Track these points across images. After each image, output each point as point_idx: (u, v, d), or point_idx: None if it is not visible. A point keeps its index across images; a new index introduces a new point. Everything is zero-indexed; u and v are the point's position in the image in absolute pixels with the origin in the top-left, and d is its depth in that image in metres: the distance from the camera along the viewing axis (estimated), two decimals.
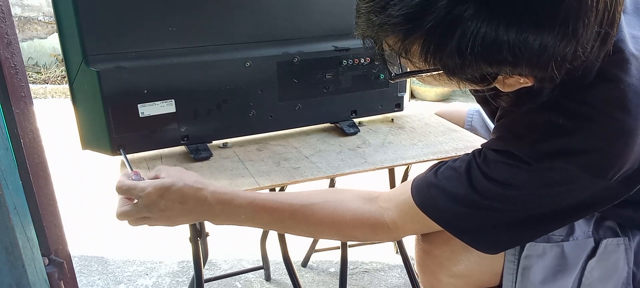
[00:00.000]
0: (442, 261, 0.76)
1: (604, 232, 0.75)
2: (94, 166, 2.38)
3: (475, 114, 1.14)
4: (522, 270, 0.74)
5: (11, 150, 0.66)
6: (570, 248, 0.74)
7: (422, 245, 0.80)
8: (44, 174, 0.72)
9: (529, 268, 0.73)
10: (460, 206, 0.68)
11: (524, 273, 0.74)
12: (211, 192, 0.73)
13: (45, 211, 0.73)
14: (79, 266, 1.60)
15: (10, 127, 0.66)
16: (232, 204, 0.74)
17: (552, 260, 0.73)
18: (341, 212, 0.76)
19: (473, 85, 0.58)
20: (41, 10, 4.33)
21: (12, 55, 0.65)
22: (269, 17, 0.98)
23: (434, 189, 0.70)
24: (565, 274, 0.73)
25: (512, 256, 0.74)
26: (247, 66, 0.98)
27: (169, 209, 0.71)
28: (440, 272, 0.77)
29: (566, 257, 0.73)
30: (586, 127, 0.60)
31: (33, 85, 3.87)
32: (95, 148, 0.94)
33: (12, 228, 0.64)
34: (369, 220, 0.75)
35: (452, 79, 0.57)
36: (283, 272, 1.54)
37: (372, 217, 0.75)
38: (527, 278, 0.74)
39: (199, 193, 0.72)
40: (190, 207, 0.72)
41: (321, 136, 1.11)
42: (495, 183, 0.65)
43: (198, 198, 0.72)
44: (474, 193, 0.66)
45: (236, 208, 0.74)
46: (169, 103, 0.94)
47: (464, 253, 0.75)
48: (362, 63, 1.09)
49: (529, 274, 0.73)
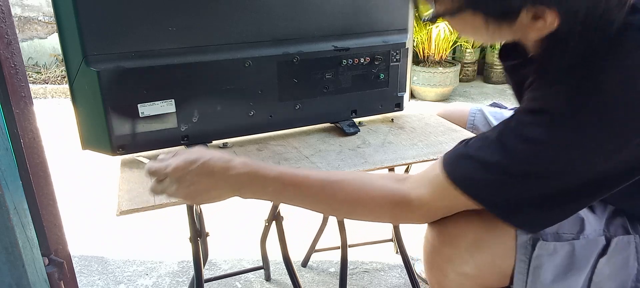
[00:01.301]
0: (451, 259, 0.75)
1: (615, 229, 0.74)
2: (94, 166, 2.38)
3: (477, 113, 1.14)
4: (533, 269, 0.73)
5: (11, 150, 0.66)
6: (581, 247, 0.73)
7: (431, 241, 0.78)
8: (44, 174, 0.72)
9: (540, 267, 0.72)
10: (492, 174, 0.65)
11: (535, 272, 0.73)
12: (238, 164, 0.73)
13: (45, 211, 0.73)
14: (79, 266, 1.60)
15: (10, 127, 0.66)
16: (259, 176, 0.73)
17: (563, 259, 0.73)
18: (368, 189, 0.74)
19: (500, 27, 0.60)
20: (41, 10, 4.33)
21: (12, 55, 0.65)
22: (269, 17, 0.98)
23: (465, 160, 0.68)
24: (576, 273, 0.72)
25: (523, 255, 0.73)
26: (247, 66, 0.98)
27: (195, 183, 0.71)
28: (448, 270, 0.76)
29: (577, 256, 0.73)
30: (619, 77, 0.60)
31: (33, 85, 3.87)
32: (95, 148, 0.94)
33: (12, 228, 0.64)
34: (395, 197, 0.73)
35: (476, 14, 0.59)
36: (283, 272, 1.54)
37: (398, 194, 0.73)
38: (537, 278, 0.73)
39: (225, 165, 0.72)
40: (217, 179, 0.72)
41: (321, 136, 1.11)
42: (530, 143, 0.63)
43: (225, 170, 0.72)
44: (508, 158, 0.64)
45: (263, 181, 0.73)
46: (169, 103, 0.94)
47: (474, 253, 0.74)
48: (362, 63, 1.09)
49: (540, 273, 0.72)
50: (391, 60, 1.12)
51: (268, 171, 0.73)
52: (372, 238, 1.66)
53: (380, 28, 1.09)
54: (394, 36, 1.11)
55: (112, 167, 1.00)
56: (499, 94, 3.98)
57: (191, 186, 0.72)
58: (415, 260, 1.58)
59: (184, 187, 0.72)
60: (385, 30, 1.10)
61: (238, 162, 0.73)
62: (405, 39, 1.13)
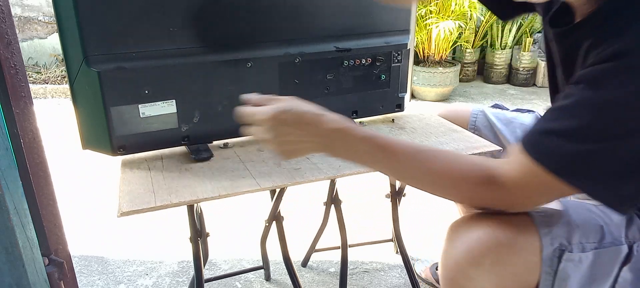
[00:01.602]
0: (474, 277, 0.72)
1: (633, 234, 0.73)
2: (94, 166, 2.38)
3: (479, 114, 1.13)
4: (559, 281, 0.71)
5: (11, 150, 0.66)
6: (604, 255, 0.71)
7: (455, 258, 0.74)
8: (44, 174, 0.72)
9: (566, 279, 0.71)
10: (578, 143, 0.60)
11: (561, 284, 0.71)
12: (331, 119, 0.72)
13: (45, 211, 0.73)
14: (79, 266, 1.60)
15: (10, 127, 0.66)
16: (351, 134, 0.72)
17: (587, 269, 0.71)
18: (460, 162, 0.71)
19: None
20: (41, 10, 4.32)
21: (12, 55, 0.65)
22: (271, 18, 0.98)
23: (544, 136, 0.64)
24: (601, 281, 0.72)
25: (548, 268, 0.71)
26: (249, 66, 0.98)
27: (287, 135, 0.71)
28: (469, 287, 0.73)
29: (601, 265, 0.71)
30: None
31: (33, 85, 3.87)
32: (95, 148, 0.94)
33: (12, 229, 0.63)
34: (483, 173, 0.69)
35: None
36: (283, 272, 1.53)
37: (488, 170, 0.69)
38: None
39: (317, 118, 0.72)
40: (309, 131, 0.72)
41: None
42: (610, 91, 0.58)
43: (317, 123, 0.72)
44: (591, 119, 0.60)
45: (354, 140, 0.72)
46: (169, 103, 0.94)
47: (497, 270, 0.71)
48: (363, 63, 1.09)
49: (566, 285, 0.71)
50: (392, 61, 1.12)
51: (359, 131, 0.72)
52: (372, 238, 1.66)
53: (381, 29, 1.09)
54: (396, 37, 1.11)
55: (112, 167, 1.00)
56: (499, 93, 3.98)
57: (282, 137, 0.72)
58: (415, 260, 1.58)
59: (276, 135, 0.72)
60: (386, 31, 1.10)
61: (330, 117, 0.72)
62: (406, 40, 1.12)
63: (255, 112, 0.73)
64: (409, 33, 1.13)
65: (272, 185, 0.86)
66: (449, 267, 0.75)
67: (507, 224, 0.71)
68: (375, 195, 2.03)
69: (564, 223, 0.72)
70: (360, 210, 1.93)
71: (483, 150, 1.00)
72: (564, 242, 0.70)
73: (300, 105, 0.73)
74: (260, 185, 0.86)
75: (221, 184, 0.86)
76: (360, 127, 0.74)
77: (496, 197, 0.70)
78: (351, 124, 0.73)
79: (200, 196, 0.82)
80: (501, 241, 0.70)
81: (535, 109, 1.16)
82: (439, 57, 3.82)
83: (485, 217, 0.74)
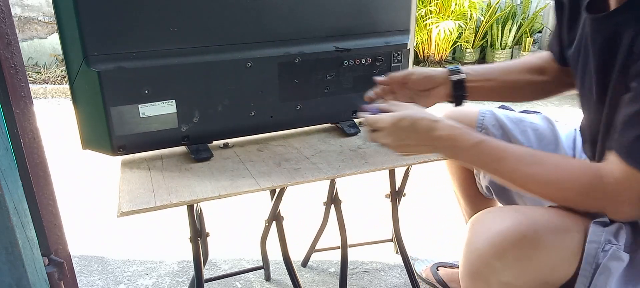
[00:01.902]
0: (498, 270, 0.73)
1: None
2: (94, 166, 2.38)
3: (487, 113, 1.12)
4: (598, 276, 0.72)
5: (11, 150, 0.66)
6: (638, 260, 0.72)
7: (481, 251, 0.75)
8: (44, 174, 0.72)
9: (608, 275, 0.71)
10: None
11: (599, 278, 0.72)
12: (442, 126, 0.80)
13: (45, 211, 0.73)
14: (79, 266, 1.60)
15: (10, 127, 0.66)
16: (458, 144, 0.79)
17: (626, 269, 0.72)
18: (566, 164, 0.74)
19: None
20: (41, 10, 4.32)
21: (12, 55, 0.65)
22: (270, 18, 0.98)
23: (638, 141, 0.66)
24: (637, 283, 0.72)
25: (588, 265, 0.72)
26: (248, 66, 0.98)
27: (404, 139, 0.81)
28: (492, 280, 0.74)
29: (637, 268, 0.72)
30: None
31: (33, 85, 3.87)
32: (95, 148, 0.94)
33: (12, 228, 0.63)
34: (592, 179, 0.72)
35: None
36: (283, 272, 1.53)
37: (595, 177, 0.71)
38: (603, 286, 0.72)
39: (430, 126, 0.80)
40: (422, 137, 0.80)
41: (322, 136, 1.11)
42: None
43: (429, 130, 0.80)
44: None
45: (462, 148, 0.78)
46: (169, 103, 0.94)
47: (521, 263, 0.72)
48: (363, 63, 1.09)
49: (606, 281, 0.72)
50: (392, 61, 1.12)
51: (467, 140, 0.78)
52: (372, 238, 1.66)
53: (381, 29, 1.09)
54: (396, 37, 1.11)
55: (112, 167, 1.00)
56: None
57: (400, 141, 0.82)
58: (415, 260, 1.58)
59: (394, 139, 0.82)
60: (386, 31, 1.10)
61: (442, 125, 0.80)
62: (406, 40, 1.12)
63: (377, 119, 0.83)
64: (409, 33, 1.13)
65: (272, 185, 0.86)
66: (471, 260, 0.76)
67: (535, 221, 0.73)
68: (375, 195, 2.03)
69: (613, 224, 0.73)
70: (360, 210, 1.93)
71: None
72: (612, 238, 0.72)
73: (417, 112, 0.82)
74: (260, 185, 0.86)
75: (221, 184, 0.86)
76: (473, 132, 0.80)
77: (601, 205, 0.73)
78: (463, 130, 0.79)
79: (200, 196, 0.82)
80: (527, 236, 0.72)
81: (538, 109, 1.15)
82: (439, 57, 3.82)
83: (512, 210, 0.76)
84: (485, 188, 1.19)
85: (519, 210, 0.76)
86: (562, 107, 3.46)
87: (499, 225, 0.73)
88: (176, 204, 0.80)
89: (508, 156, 0.76)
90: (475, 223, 0.78)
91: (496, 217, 0.75)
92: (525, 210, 0.76)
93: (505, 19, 4.20)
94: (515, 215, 0.74)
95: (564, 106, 3.48)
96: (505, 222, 0.73)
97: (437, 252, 1.67)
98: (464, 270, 0.78)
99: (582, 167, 0.74)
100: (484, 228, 0.75)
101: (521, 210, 0.76)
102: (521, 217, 0.73)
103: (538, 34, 4.26)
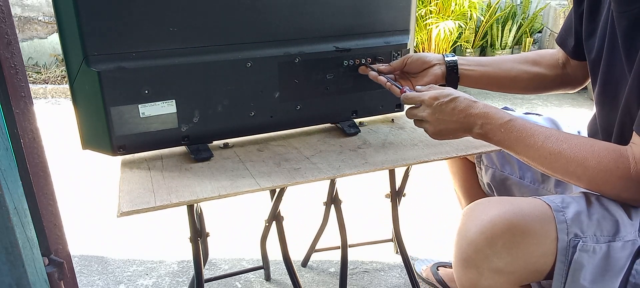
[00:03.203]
0: (489, 257, 0.75)
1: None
2: (94, 166, 2.38)
3: None
4: (572, 271, 0.73)
5: (11, 150, 0.66)
6: (618, 249, 0.73)
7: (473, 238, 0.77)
8: (44, 174, 0.72)
9: (580, 269, 0.73)
10: None
11: (575, 274, 0.73)
12: (478, 106, 0.83)
13: (45, 211, 0.73)
14: (79, 266, 1.60)
15: (10, 127, 0.66)
16: (492, 119, 0.82)
17: (600, 261, 0.73)
18: (592, 143, 0.76)
19: None
20: (41, 10, 4.32)
21: (12, 55, 0.65)
22: (271, 18, 0.98)
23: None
24: (613, 274, 0.73)
25: (563, 257, 0.73)
26: (248, 66, 0.98)
27: (442, 113, 0.84)
28: (484, 267, 0.76)
29: (614, 257, 0.73)
30: None
31: (33, 85, 3.87)
32: (95, 148, 0.94)
33: (12, 228, 0.63)
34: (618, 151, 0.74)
35: None
36: (283, 272, 1.53)
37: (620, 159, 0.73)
38: (577, 280, 0.73)
39: (469, 104, 0.84)
40: (458, 114, 0.84)
41: (322, 136, 1.11)
42: None
43: (467, 108, 0.83)
44: None
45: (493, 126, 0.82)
46: (169, 103, 0.94)
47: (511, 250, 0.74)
48: (363, 63, 1.09)
49: (579, 275, 0.73)
50: (392, 61, 1.12)
51: (500, 117, 0.82)
52: (372, 238, 1.66)
53: (381, 29, 1.09)
54: (396, 37, 1.11)
55: (112, 167, 1.00)
56: (500, 93, 3.98)
57: (438, 116, 0.85)
58: (415, 260, 1.58)
59: (432, 113, 0.85)
60: (386, 31, 1.10)
61: (479, 104, 0.84)
62: (406, 40, 1.12)
63: (419, 94, 0.88)
64: (409, 33, 1.13)
65: (272, 185, 0.86)
66: (463, 247, 0.77)
67: (522, 209, 0.74)
68: (375, 195, 2.03)
69: (581, 214, 0.75)
70: (360, 210, 1.93)
71: (483, 150, 1.00)
72: (578, 232, 0.73)
73: (456, 91, 0.86)
74: (260, 185, 0.86)
75: (221, 184, 0.86)
76: (503, 111, 0.83)
77: (625, 185, 0.74)
78: (496, 109, 0.83)
79: (200, 196, 0.82)
80: (515, 223, 0.73)
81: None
82: None
83: (501, 201, 0.78)
84: (486, 186, 1.20)
85: (508, 200, 0.78)
86: (563, 107, 3.46)
87: (488, 213, 0.75)
88: (176, 204, 0.80)
89: (536, 134, 0.79)
90: (466, 213, 0.80)
91: (486, 207, 0.77)
92: (513, 200, 0.78)
93: (505, 19, 4.19)
94: (504, 204, 0.76)
95: (564, 106, 3.48)
96: (494, 210, 0.75)
97: (437, 252, 1.67)
98: (457, 259, 0.79)
99: (608, 147, 0.75)
100: (475, 217, 0.77)
101: (510, 200, 0.78)
102: (509, 206, 0.75)
103: (538, 34, 4.25)
